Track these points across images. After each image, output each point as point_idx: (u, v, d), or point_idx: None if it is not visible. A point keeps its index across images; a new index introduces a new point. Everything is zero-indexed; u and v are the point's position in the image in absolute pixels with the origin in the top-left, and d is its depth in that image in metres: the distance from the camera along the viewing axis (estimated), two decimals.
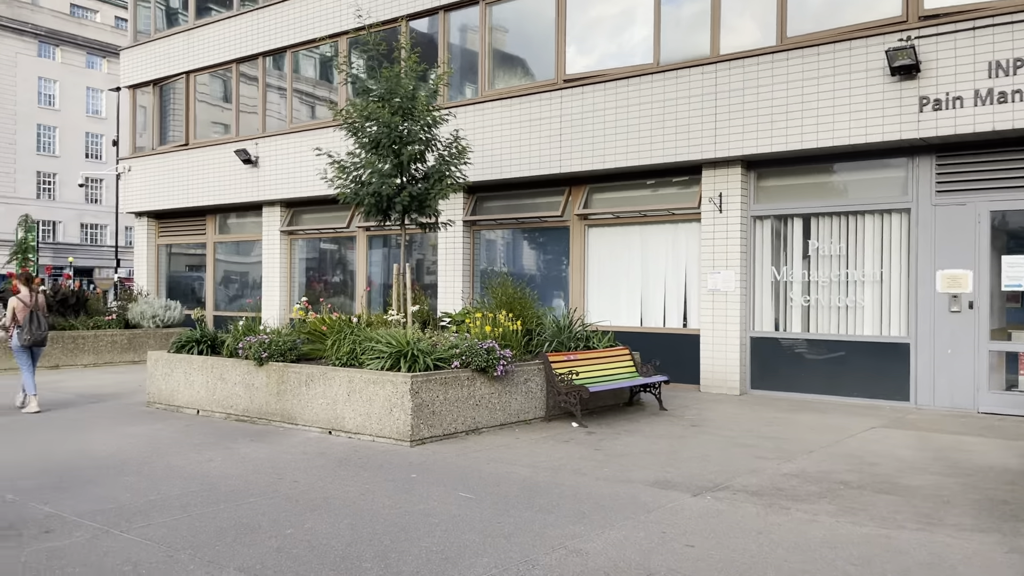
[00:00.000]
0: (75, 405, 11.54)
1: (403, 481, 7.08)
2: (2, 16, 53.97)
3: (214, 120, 21.10)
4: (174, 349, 11.29)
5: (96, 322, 17.11)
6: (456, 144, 11.58)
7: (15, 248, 23.55)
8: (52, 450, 8.32)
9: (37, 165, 56.47)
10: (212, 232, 21.00)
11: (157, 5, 22.49)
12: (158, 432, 9.42)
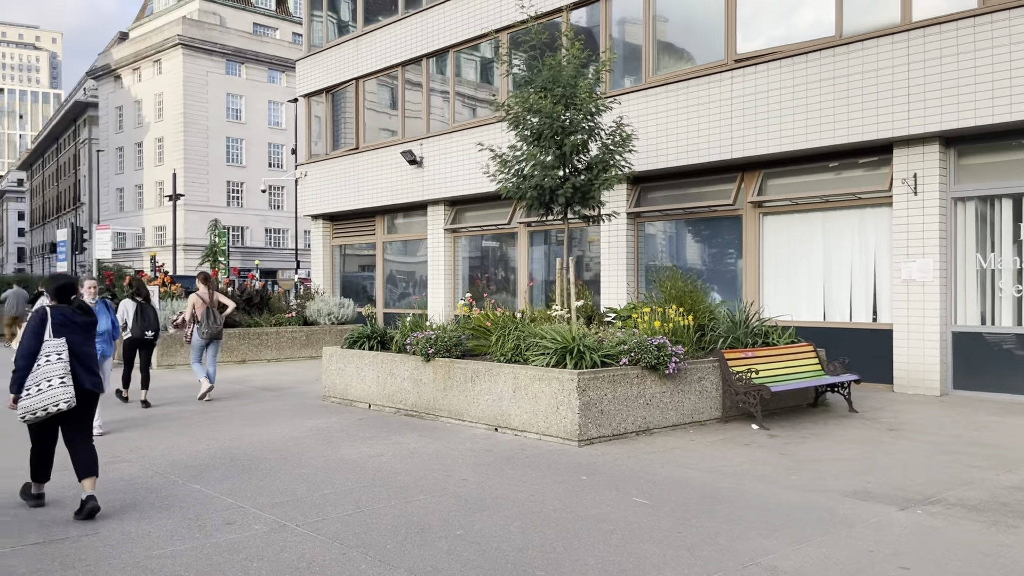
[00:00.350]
0: (258, 398, 12.09)
1: (573, 483, 6.76)
2: (195, 39, 58.74)
3: (382, 122, 21.77)
4: (347, 345, 11.58)
5: (278, 319, 18.04)
6: (620, 131, 11.14)
7: (206, 251, 25.50)
8: (238, 442, 8.65)
9: (227, 175, 61.02)
10: (381, 232, 21.66)
11: (329, 19, 23.49)
12: (332, 425, 9.63)
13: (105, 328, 9.04)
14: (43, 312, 5.99)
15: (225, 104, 60.73)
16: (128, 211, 64.08)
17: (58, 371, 5.74)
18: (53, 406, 5.68)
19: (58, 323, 5.92)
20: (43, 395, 5.67)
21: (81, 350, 5.97)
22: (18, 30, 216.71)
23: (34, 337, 5.85)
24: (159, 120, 61.07)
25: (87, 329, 6.11)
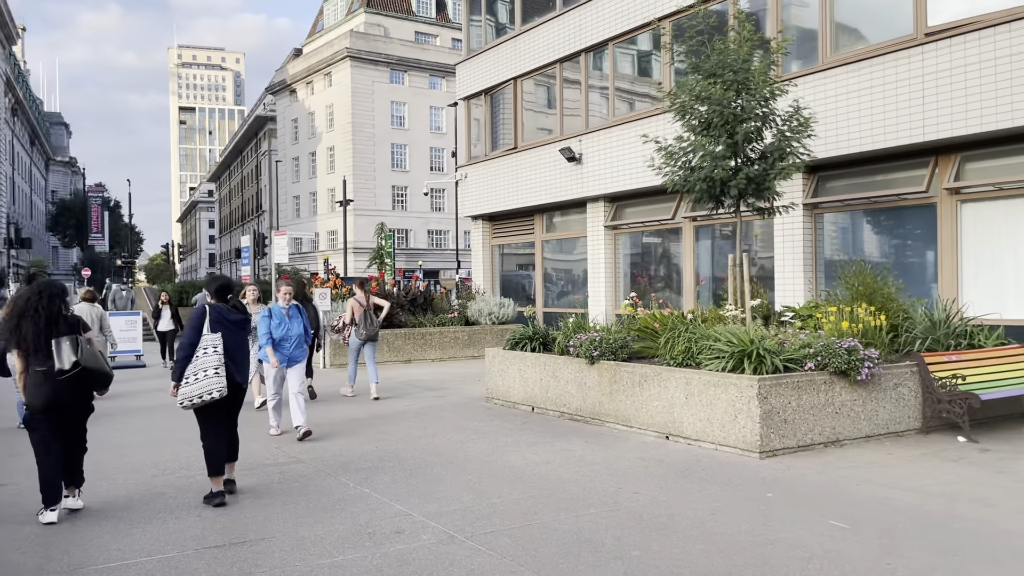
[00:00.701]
0: (423, 399, 12.19)
1: (757, 501, 6.19)
2: (362, 51, 61.42)
3: (539, 121, 21.65)
4: (509, 346, 11.44)
5: (441, 320, 18.31)
6: (797, 116, 10.31)
7: (373, 254, 26.52)
8: (405, 444, 8.66)
9: (391, 180, 63.44)
10: (540, 231, 21.54)
11: (487, 22, 23.66)
12: (496, 429, 9.48)
13: (298, 332, 9.05)
14: (202, 309, 6.47)
15: (389, 111, 63.12)
16: (303, 217, 67.99)
17: (213, 363, 6.23)
18: (208, 394, 6.16)
19: (215, 319, 6.40)
20: (199, 384, 6.16)
21: (233, 345, 6.46)
22: (207, 53, 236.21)
23: (194, 331, 6.35)
24: (330, 130, 64.36)
25: (240, 326, 6.61)
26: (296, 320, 9.11)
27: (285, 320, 8.99)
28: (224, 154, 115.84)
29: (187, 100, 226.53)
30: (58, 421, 5.91)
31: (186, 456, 7.98)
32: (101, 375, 6.11)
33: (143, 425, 10.10)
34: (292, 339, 9.02)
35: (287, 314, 9.04)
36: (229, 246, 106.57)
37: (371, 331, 12.28)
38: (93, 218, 68.56)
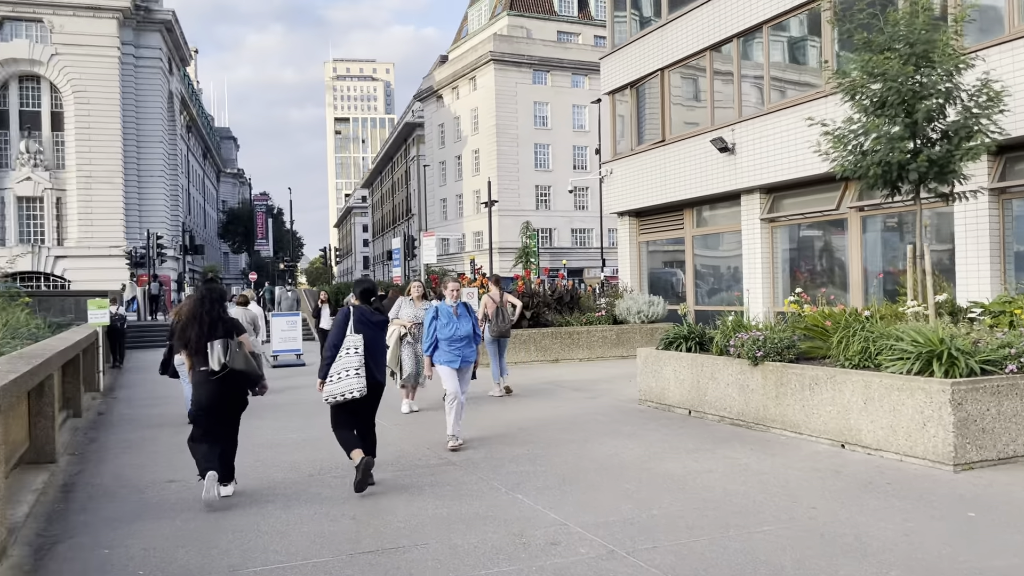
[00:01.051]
0: (573, 400, 11.88)
1: (958, 521, 5.45)
2: (505, 53, 62.06)
3: (687, 113, 20.87)
4: (662, 346, 10.92)
5: (588, 319, 17.94)
6: (987, 89, 9.21)
7: (519, 253, 26.51)
8: (557, 448, 8.37)
9: (535, 180, 63.74)
10: (690, 226, 20.76)
11: (632, 16, 23.10)
12: (652, 433, 9.02)
13: (467, 332, 8.46)
14: (347, 311, 6.81)
15: (532, 112, 63.43)
16: (450, 219, 69.53)
17: (355, 363, 6.53)
18: (349, 393, 6.49)
19: (358, 320, 6.69)
20: (341, 383, 6.51)
21: (374, 345, 6.74)
22: (359, 65, 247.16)
23: (339, 332, 6.69)
24: (475, 133, 65.46)
25: (380, 327, 6.92)
26: (465, 319, 8.51)
27: (453, 319, 8.43)
28: (376, 161, 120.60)
29: (341, 111, 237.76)
30: (217, 417, 6.47)
31: (341, 455, 8.03)
32: (251, 377, 6.50)
33: (301, 423, 10.36)
34: (461, 339, 8.44)
35: (455, 312, 8.48)
36: (381, 249, 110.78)
37: (503, 327, 12.55)
38: (258, 225, 73.06)
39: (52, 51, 49.32)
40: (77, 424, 10.50)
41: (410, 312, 10.96)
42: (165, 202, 55.73)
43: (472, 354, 8.57)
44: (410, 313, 10.95)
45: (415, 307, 11.00)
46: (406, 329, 10.89)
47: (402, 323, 10.89)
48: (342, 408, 6.68)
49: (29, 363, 6.75)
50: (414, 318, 10.86)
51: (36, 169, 50.15)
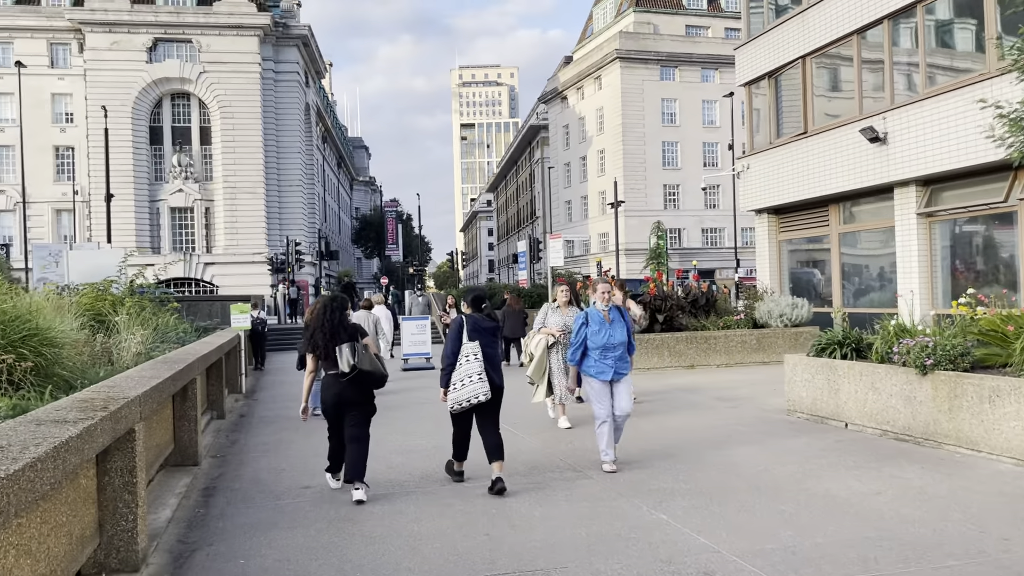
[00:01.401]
0: (714, 409, 11.22)
1: None
2: (631, 51, 61.12)
3: (830, 103, 19.62)
4: (814, 352, 10.11)
5: (726, 322, 17.09)
6: None
7: (650, 254, 25.79)
8: (700, 463, 7.81)
9: (663, 179, 62.41)
10: (835, 222, 19.48)
11: (768, 5, 22.00)
12: (806, 448, 8.30)
13: (621, 339, 7.42)
14: (460, 320, 7.00)
15: (660, 109, 62.18)
16: (575, 221, 69.15)
17: (476, 369, 6.70)
18: (474, 398, 6.67)
19: (472, 328, 6.87)
20: (465, 389, 6.69)
21: (488, 351, 6.85)
22: (484, 71, 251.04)
23: (455, 341, 6.87)
24: (600, 133, 64.83)
25: (493, 333, 7.02)
26: (619, 324, 7.48)
27: (605, 325, 7.39)
28: (500, 165, 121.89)
29: (467, 117, 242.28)
30: (344, 417, 6.77)
31: (472, 465, 7.79)
32: (377, 377, 6.76)
33: (431, 428, 10.21)
34: (615, 348, 7.37)
35: (607, 317, 7.44)
36: (506, 252, 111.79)
37: None
38: (389, 231, 75.16)
39: (200, 69, 52.39)
40: (220, 426, 10.79)
41: (558, 320, 10.07)
42: (303, 210, 58.15)
43: (626, 366, 7.52)
44: (558, 321, 10.05)
45: (563, 314, 10.10)
46: (555, 338, 10.04)
47: (550, 331, 10.07)
48: (465, 416, 6.89)
49: (172, 368, 6.86)
50: (563, 326, 9.95)
51: (187, 181, 53.41)
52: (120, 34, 51.26)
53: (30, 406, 6.08)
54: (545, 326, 10.18)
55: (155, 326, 11.39)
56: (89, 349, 8.57)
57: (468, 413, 6.85)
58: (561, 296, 10.28)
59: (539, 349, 10.14)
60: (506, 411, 10.67)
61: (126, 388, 5.23)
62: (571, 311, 10.02)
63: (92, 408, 4.23)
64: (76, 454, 3.48)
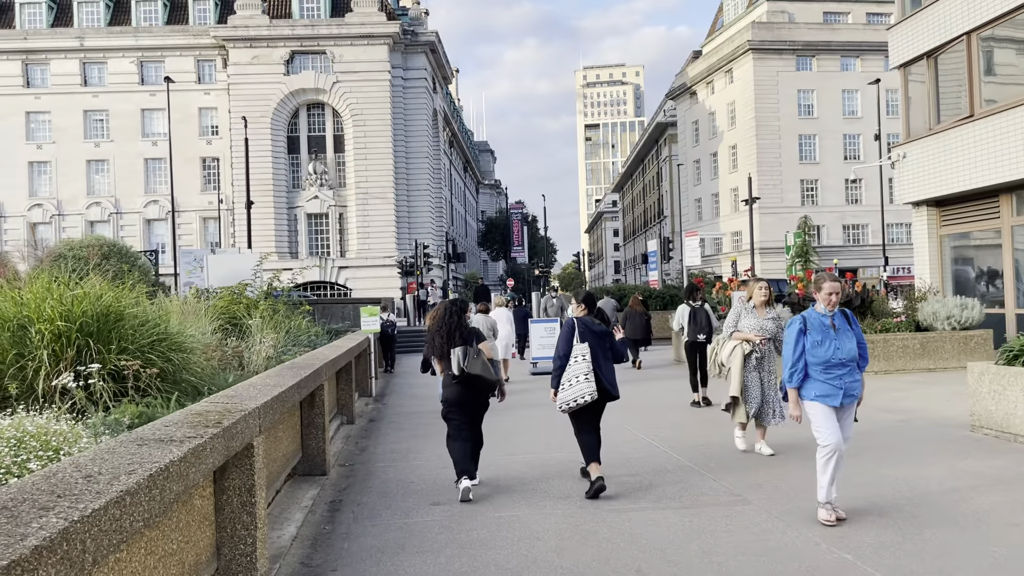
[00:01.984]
0: (877, 421, 10.01)
1: None
2: (764, 41, 58.57)
3: (999, 82, 17.64)
4: (1004, 360, 8.80)
5: (884, 325, 15.57)
6: None
7: (796, 251, 24.21)
8: (879, 486, 6.79)
9: (799, 174, 59.44)
10: (1007, 214, 17.48)
11: None
12: (1003, 472, 7.11)
13: (850, 352, 5.83)
14: (572, 321, 7.17)
15: (796, 101, 59.30)
16: (705, 219, 66.96)
17: (584, 370, 6.82)
18: (580, 398, 6.77)
19: (582, 331, 7.01)
20: (573, 389, 6.80)
21: (598, 353, 6.92)
22: (608, 70, 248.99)
23: (565, 342, 7.04)
24: (731, 128, 62.50)
25: (601, 336, 7.05)
26: (846, 334, 5.88)
27: (830, 334, 5.82)
28: (626, 164, 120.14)
29: (591, 117, 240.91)
30: (463, 415, 7.08)
31: (616, 483, 7.10)
32: (487, 382, 7.02)
33: (564, 438, 9.56)
34: (842, 364, 5.80)
35: (832, 324, 5.88)
36: (633, 252, 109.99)
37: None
38: (514, 233, 75.27)
39: (334, 79, 54.05)
40: (350, 431, 10.55)
41: (753, 322, 8.45)
42: (430, 214, 59.02)
43: (857, 386, 5.88)
44: (754, 324, 8.44)
45: (758, 316, 8.51)
46: (752, 345, 8.39)
47: (746, 336, 8.43)
48: (578, 416, 6.94)
49: (297, 375, 6.52)
50: (760, 330, 8.40)
51: (322, 188, 55.23)
52: (260, 48, 53.59)
53: (156, 413, 5.86)
54: (738, 330, 8.57)
55: (287, 329, 11.32)
56: (220, 353, 8.45)
57: (580, 412, 6.89)
58: (759, 294, 8.54)
59: (736, 360, 8.43)
60: (652, 414, 9.85)
61: (245, 399, 4.86)
62: (769, 312, 8.57)
63: (204, 424, 3.83)
64: (178, 481, 3.04)
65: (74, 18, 55.43)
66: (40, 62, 54.46)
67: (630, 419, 10.68)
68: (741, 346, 8.44)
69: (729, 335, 8.64)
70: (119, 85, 54.43)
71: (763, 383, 8.39)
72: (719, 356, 8.79)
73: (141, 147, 54.47)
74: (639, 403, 12.35)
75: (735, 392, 8.38)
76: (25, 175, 54.53)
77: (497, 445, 8.90)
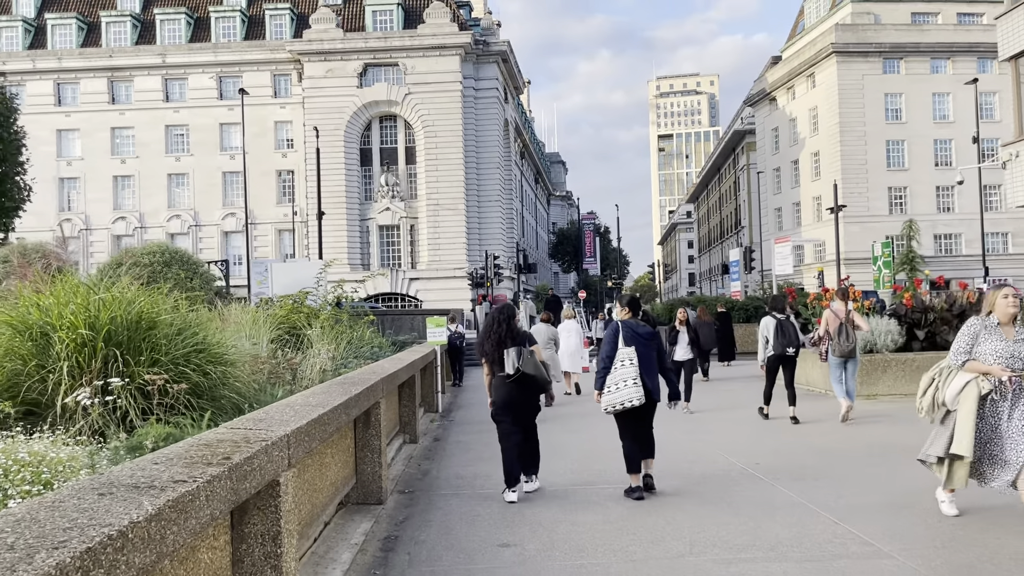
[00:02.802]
0: None
1: None
2: (849, 44, 56.17)
3: None
4: None
5: None
6: None
7: (902, 258, 22.53)
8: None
9: (887, 181, 56.70)
10: None
11: None
12: None
13: None
14: (616, 325, 7.22)
15: (883, 105, 56.66)
16: (786, 229, 64.50)
17: (631, 374, 6.88)
18: (628, 402, 6.85)
19: (627, 335, 7.05)
20: (620, 393, 6.87)
21: (644, 358, 6.96)
22: (682, 80, 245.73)
23: (611, 346, 7.07)
24: (814, 134, 60.12)
25: (648, 339, 7.10)
26: None
27: None
28: (701, 174, 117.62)
29: (665, 128, 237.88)
30: (514, 416, 7.19)
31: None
32: (540, 381, 7.17)
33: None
34: None
35: None
36: (709, 264, 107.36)
37: (846, 347, 10.94)
38: (587, 244, 74.09)
39: (406, 91, 54.05)
40: (412, 452, 9.71)
41: (999, 347, 5.68)
42: (501, 225, 58.40)
43: None
44: (1000, 349, 5.67)
45: (1005, 338, 5.73)
46: (996, 382, 5.64)
47: (987, 371, 5.68)
48: (623, 419, 7.04)
49: (346, 392, 5.68)
50: (1010, 359, 5.62)
51: (394, 200, 55.21)
52: (334, 62, 53.99)
53: (185, 434, 5.09)
54: (972, 357, 5.80)
55: (349, 339, 10.58)
56: (270, 365, 7.70)
57: (626, 415, 6.98)
58: (1006, 306, 5.77)
59: (965, 403, 5.72)
60: (744, 433, 8.78)
61: (275, 423, 4.02)
62: (1021, 332, 5.76)
63: (207, 460, 2.97)
64: (146, 548, 2.17)
65: (156, 35, 56.93)
66: (125, 79, 56.06)
67: (719, 437, 9.55)
68: (977, 382, 5.68)
69: (960, 364, 5.85)
70: (199, 100, 55.58)
71: (1003, 436, 5.61)
72: (941, 394, 5.94)
73: (219, 160, 55.40)
74: (729, 422, 11.22)
75: (963, 450, 5.64)
76: (110, 189, 56.11)
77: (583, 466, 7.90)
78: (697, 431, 10.63)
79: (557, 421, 11.50)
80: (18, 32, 56.67)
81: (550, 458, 8.05)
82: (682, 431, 10.45)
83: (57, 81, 55.87)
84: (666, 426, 9.17)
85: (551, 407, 8.19)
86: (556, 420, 11.51)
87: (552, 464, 8.06)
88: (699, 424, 11.28)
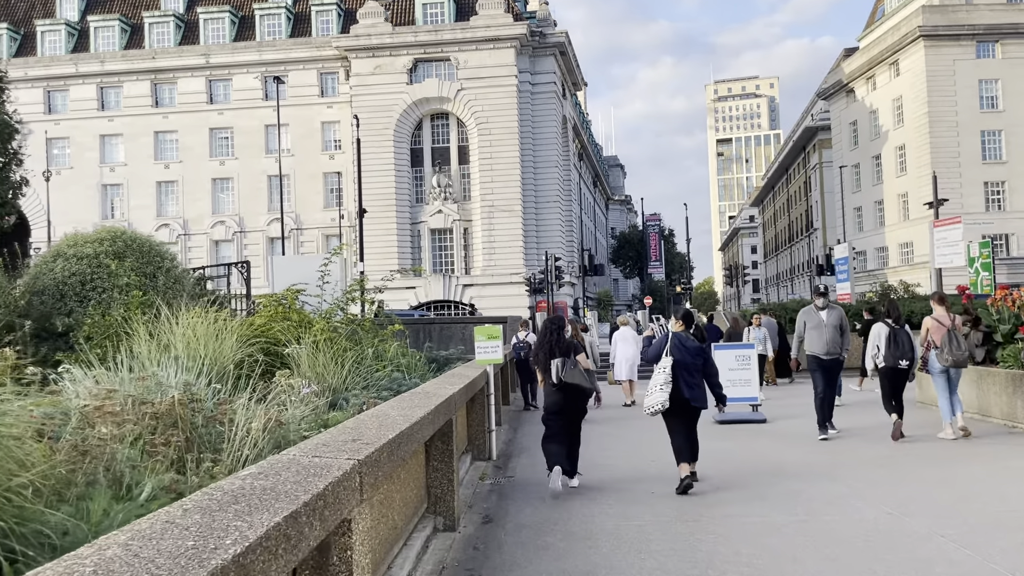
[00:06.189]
0: None
1: None
2: (938, 26, 51.43)
3: None
4: None
5: None
6: None
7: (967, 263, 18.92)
8: None
9: (983, 175, 51.73)
10: None
11: None
12: None
13: None
14: (667, 334, 7.90)
15: (976, 92, 51.77)
16: (867, 230, 59.65)
17: (661, 381, 7.50)
18: (657, 405, 7.54)
19: (673, 345, 7.61)
20: (652, 397, 7.60)
21: (685, 367, 7.53)
22: (741, 83, 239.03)
23: (656, 351, 7.73)
24: (898, 126, 55.33)
25: (694, 353, 7.64)
26: None
27: None
28: (766, 176, 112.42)
29: (723, 132, 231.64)
30: (562, 420, 7.89)
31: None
32: (583, 389, 7.88)
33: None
34: None
35: None
36: (776, 269, 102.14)
37: (957, 355, 9.93)
38: (651, 247, 70.05)
39: (458, 87, 51.07)
40: (446, 552, 6.21)
41: None
42: (560, 228, 54.95)
43: None
44: None
45: None
46: None
47: None
48: (667, 422, 7.67)
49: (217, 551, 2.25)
50: None
51: (446, 202, 52.23)
52: (382, 57, 51.34)
53: None
54: None
55: (357, 358, 7.22)
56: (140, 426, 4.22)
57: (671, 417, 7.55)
58: None
59: None
60: None
61: None
62: None
63: None
64: None
65: (200, 35, 55.11)
66: (168, 81, 54.32)
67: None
68: None
69: None
70: (243, 101, 53.51)
71: None
72: None
73: (265, 164, 53.08)
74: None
75: None
76: (153, 195, 54.39)
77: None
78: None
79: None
80: (61, 35, 55.44)
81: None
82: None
83: (100, 85, 54.46)
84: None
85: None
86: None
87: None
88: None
